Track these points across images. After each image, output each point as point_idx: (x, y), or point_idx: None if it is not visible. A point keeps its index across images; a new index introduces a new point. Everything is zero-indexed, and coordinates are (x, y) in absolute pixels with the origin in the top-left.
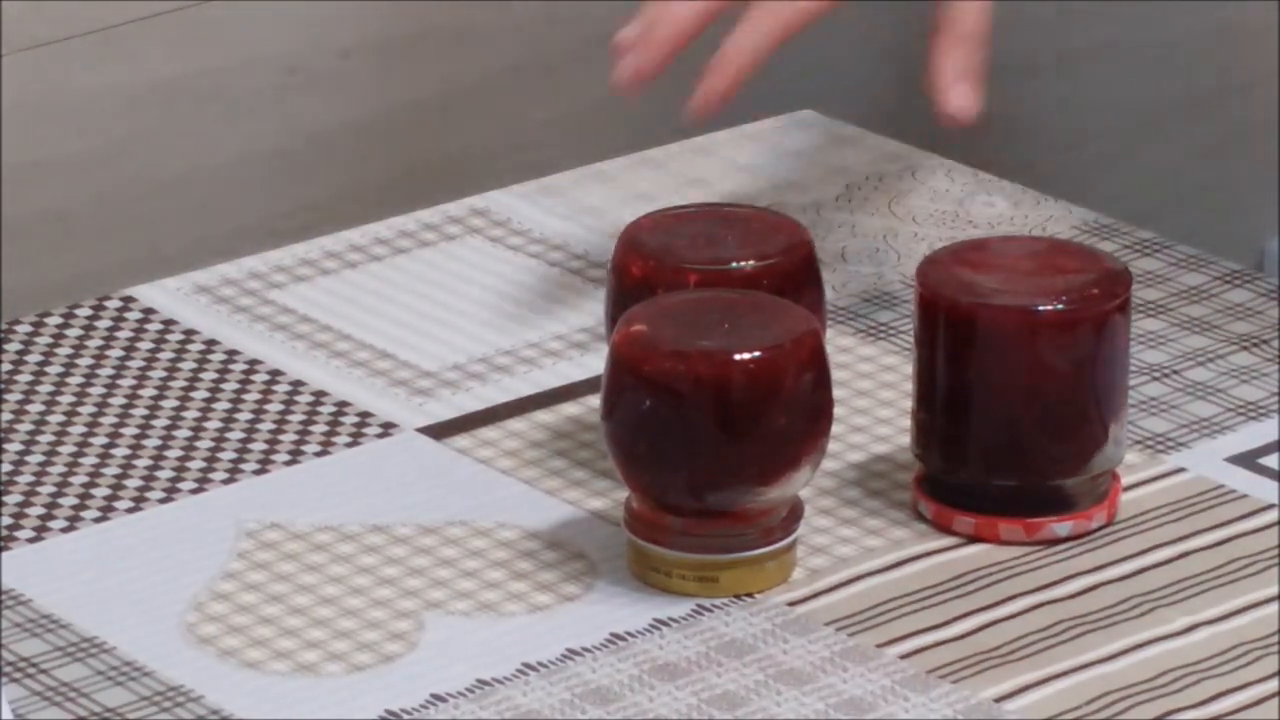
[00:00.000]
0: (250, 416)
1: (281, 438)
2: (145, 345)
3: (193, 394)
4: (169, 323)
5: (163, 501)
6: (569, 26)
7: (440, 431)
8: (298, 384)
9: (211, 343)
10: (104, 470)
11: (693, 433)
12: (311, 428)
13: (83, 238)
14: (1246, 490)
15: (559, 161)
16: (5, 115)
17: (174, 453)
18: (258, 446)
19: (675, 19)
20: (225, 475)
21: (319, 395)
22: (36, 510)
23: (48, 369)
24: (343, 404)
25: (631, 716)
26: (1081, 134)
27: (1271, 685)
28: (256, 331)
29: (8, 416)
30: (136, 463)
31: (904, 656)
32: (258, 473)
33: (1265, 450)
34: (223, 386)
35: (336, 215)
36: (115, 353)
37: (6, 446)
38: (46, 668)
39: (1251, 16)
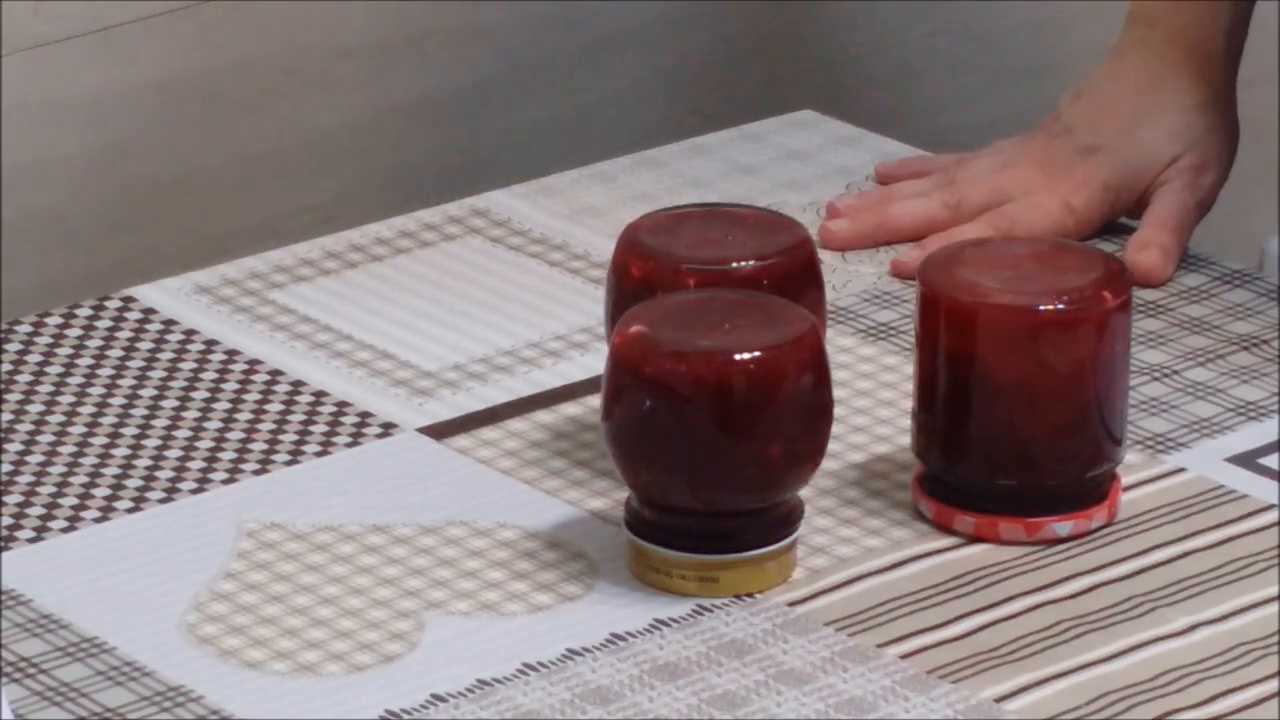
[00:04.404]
0: (250, 416)
1: (281, 438)
2: (145, 345)
3: (193, 394)
4: (169, 323)
5: (163, 501)
6: (569, 26)
7: (440, 431)
8: (298, 384)
9: (211, 343)
10: (104, 470)
11: (693, 433)
12: (311, 428)
13: (83, 238)
14: (1246, 490)
15: (559, 161)
16: (5, 115)
17: (174, 453)
18: (258, 446)
19: (892, 216)
20: (225, 475)
21: (319, 395)
22: (36, 510)
23: (48, 369)
24: (343, 404)
25: (631, 716)
26: None
27: (1271, 685)
28: (256, 331)
29: (8, 416)
30: (136, 463)
31: (904, 656)
32: (258, 473)
33: (1265, 450)
34: (223, 386)
35: (336, 215)
36: (115, 353)
37: (6, 446)
38: (46, 668)
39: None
